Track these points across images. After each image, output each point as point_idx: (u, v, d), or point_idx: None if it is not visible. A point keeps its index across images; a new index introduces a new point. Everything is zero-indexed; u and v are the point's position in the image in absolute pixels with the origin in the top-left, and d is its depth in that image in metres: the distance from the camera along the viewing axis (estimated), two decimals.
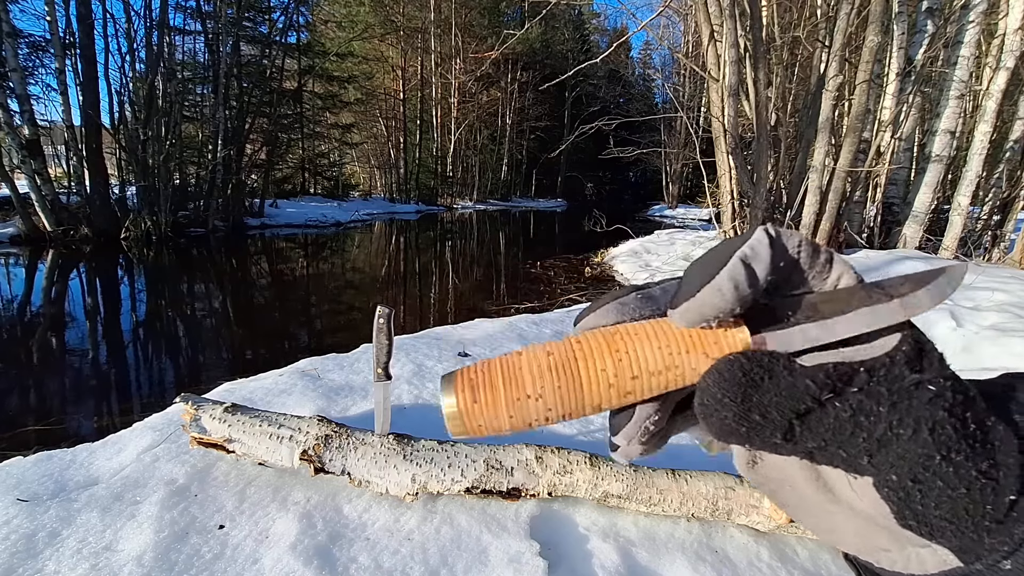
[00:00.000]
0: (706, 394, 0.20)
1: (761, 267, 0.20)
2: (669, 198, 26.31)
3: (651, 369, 0.21)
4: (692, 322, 0.20)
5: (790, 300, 0.21)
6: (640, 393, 0.21)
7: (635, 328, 0.21)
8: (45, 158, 9.60)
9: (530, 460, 1.32)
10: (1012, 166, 5.73)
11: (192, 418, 1.42)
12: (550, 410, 0.21)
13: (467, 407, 0.21)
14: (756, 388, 0.19)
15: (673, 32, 25.75)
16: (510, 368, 0.21)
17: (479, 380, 0.21)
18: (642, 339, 0.21)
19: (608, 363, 0.21)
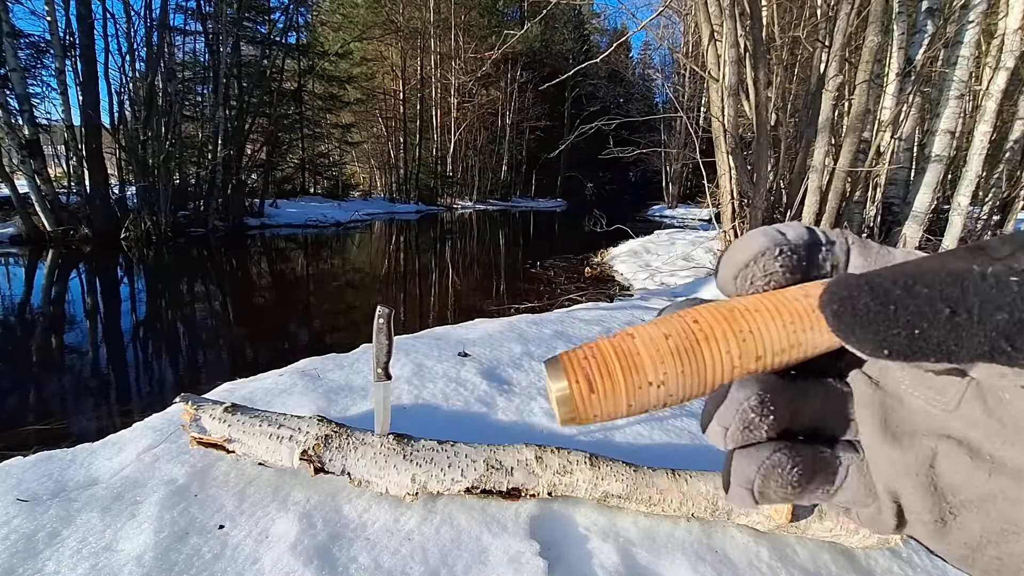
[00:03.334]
0: (849, 287, 0.16)
1: (791, 226, 0.20)
2: (669, 198, 26.30)
3: (775, 348, 0.19)
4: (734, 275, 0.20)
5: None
6: (759, 370, 0.19)
7: (753, 303, 0.20)
8: (45, 158, 9.60)
9: (530, 460, 1.32)
10: (1012, 166, 5.73)
11: (192, 418, 1.42)
12: (671, 396, 0.19)
13: (584, 398, 0.19)
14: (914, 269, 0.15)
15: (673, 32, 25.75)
16: (626, 353, 0.19)
17: (593, 368, 0.19)
18: (764, 315, 0.19)
19: (732, 344, 0.19)
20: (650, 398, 0.19)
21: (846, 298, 0.16)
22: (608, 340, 0.20)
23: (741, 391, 0.19)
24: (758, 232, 0.20)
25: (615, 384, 0.19)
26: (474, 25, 26.60)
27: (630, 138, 15.57)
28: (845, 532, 1.24)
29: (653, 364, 0.19)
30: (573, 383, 0.19)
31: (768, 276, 0.20)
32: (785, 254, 0.20)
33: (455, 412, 1.87)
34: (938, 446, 0.18)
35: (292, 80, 17.42)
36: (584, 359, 0.20)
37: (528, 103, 28.87)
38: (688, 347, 0.19)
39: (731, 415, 0.19)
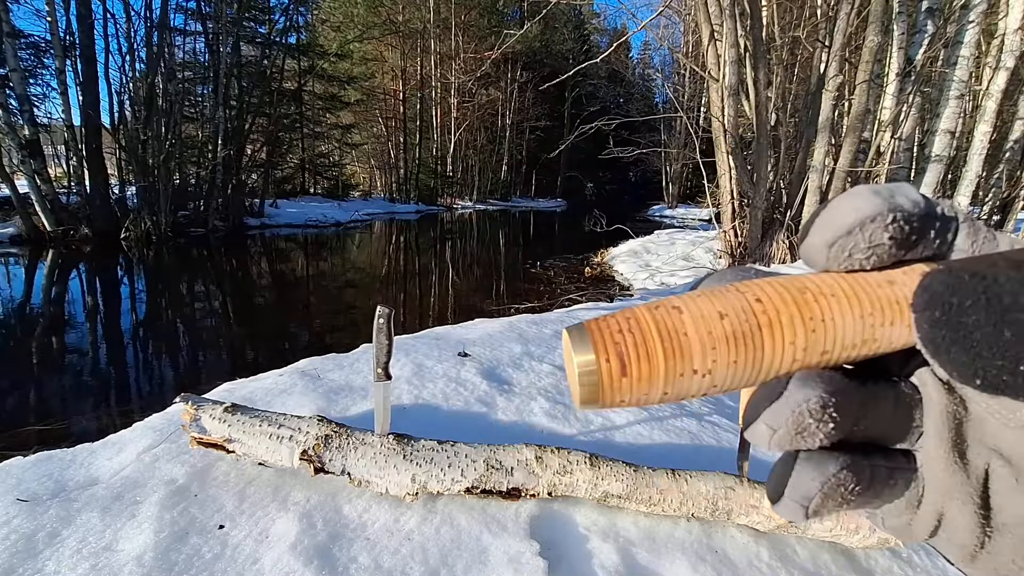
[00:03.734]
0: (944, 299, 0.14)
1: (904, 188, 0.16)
2: (669, 198, 26.31)
3: (847, 343, 0.16)
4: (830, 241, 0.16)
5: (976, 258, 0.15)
6: (822, 364, 0.16)
7: (828, 284, 0.16)
8: (45, 158, 9.60)
9: (530, 460, 1.32)
10: (1012, 166, 5.74)
11: (192, 418, 1.42)
12: (714, 387, 0.16)
13: (613, 379, 0.16)
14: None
15: (673, 32, 25.77)
16: (672, 332, 0.16)
17: (629, 345, 0.16)
18: (842, 303, 0.16)
19: (799, 335, 0.16)
20: (691, 388, 0.16)
21: (952, 306, 0.14)
22: (649, 310, 0.16)
23: (801, 390, 0.16)
24: (866, 190, 0.16)
25: (653, 369, 0.16)
26: (474, 25, 26.61)
27: (630, 138, 15.57)
28: (845, 532, 1.24)
29: (703, 349, 0.16)
30: (603, 360, 0.16)
31: (871, 250, 0.16)
32: (898, 224, 0.16)
33: (455, 412, 1.87)
34: (991, 462, 0.16)
35: (292, 80, 17.43)
36: (619, 332, 0.16)
37: (528, 103, 28.88)
38: (747, 333, 0.16)
39: (784, 417, 0.16)
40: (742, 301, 0.16)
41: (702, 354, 0.16)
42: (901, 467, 0.17)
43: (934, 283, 0.14)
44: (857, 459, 0.17)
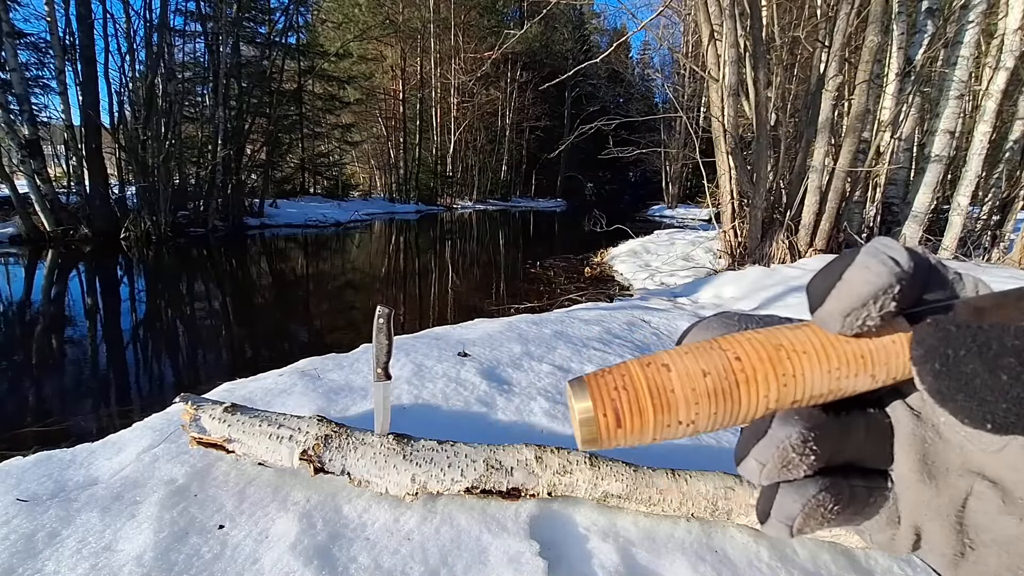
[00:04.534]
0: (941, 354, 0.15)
1: (898, 250, 0.17)
2: (669, 198, 26.31)
3: (814, 393, 0.18)
4: (846, 312, 0.17)
5: (940, 308, 0.18)
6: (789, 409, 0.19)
7: (802, 341, 0.18)
8: (45, 158, 9.60)
9: (530, 460, 1.32)
10: (1012, 166, 5.74)
11: (192, 418, 1.42)
12: (697, 432, 0.19)
13: (609, 430, 0.18)
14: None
15: (673, 32, 25.76)
16: (660, 389, 0.18)
17: (623, 401, 0.18)
18: (812, 360, 0.18)
19: (772, 389, 0.18)
20: (676, 433, 0.19)
21: (949, 357, 0.15)
22: (641, 368, 0.19)
23: (783, 428, 0.18)
24: (876, 259, 0.17)
25: (644, 422, 0.18)
26: (474, 25, 26.61)
27: (630, 138, 15.58)
28: (845, 532, 1.24)
29: (687, 404, 0.18)
30: (600, 414, 0.18)
31: (882, 317, 0.17)
32: (904, 291, 0.17)
33: (455, 412, 1.87)
34: (972, 487, 0.17)
35: (292, 80, 17.43)
36: (614, 389, 0.18)
37: (528, 103, 28.88)
38: (726, 389, 0.18)
39: (770, 453, 0.18)
40: (723, 360, 0.18)
41: (686, 408, 0.18)
42: (879, 486, 0.19)
43: (927, 337, 0.16)
44: (837, 481, 0.18)
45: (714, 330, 0.21)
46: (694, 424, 0.18)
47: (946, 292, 0.18)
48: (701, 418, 0.18)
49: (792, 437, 0.18)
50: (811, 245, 5.50)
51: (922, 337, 0.16)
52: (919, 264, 0.18)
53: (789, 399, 0.18)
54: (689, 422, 0.18)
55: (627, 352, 2.65)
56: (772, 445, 0.18)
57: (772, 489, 0.19)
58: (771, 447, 0.18)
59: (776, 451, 0.18)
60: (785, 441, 0.18)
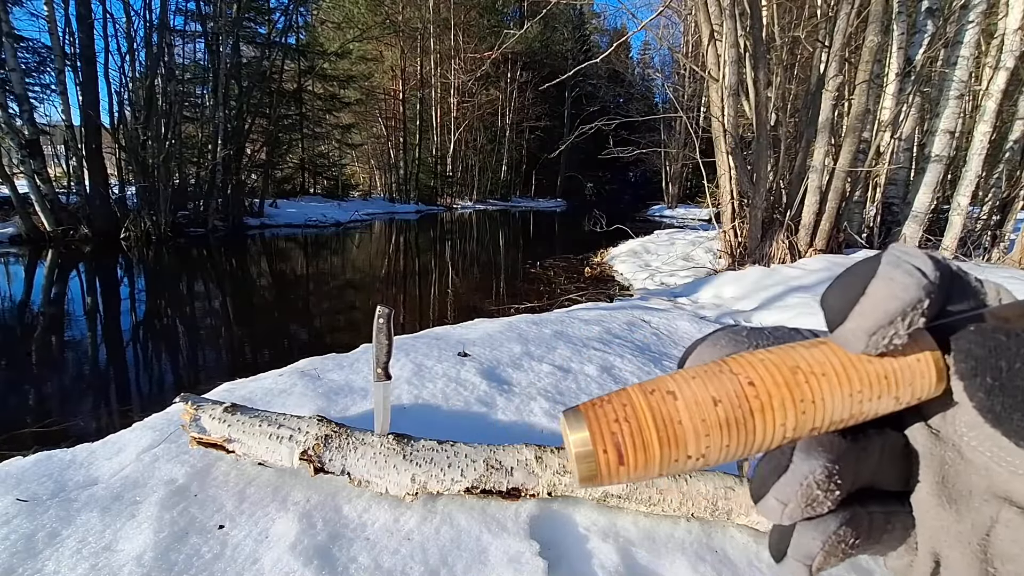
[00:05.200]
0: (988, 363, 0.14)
1: (921, 258, 0.16)
2: (669, 198, 26.32)
3: (835, 419, 0.16)
4: (871, 330, 0.16)
5: (966, 319, 0.16)
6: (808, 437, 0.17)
7: (820, 362, 0.17)
8: (45, 158, 9.60)
9: (530, 460, 1.32)
10: (1012, 166, 5.74)
11: (192, 418, 1.42)
12: (707, 465, 0.17)
13: (610, 468, 0.16)
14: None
15: (673, 32, 25.77)
16: (666, 421, 0.16)
17: (626, 436, 0.16)
18: (832, 382, 0.16)
19: (790, 416, 0.16)
20: (684, 468, 0.17)
21: (1002, 371, 0.13)
22: (644, 396, 0.17)
23: (806, 462, 0.16)
24: (902, 271, 0.16)
25: (649, 458, 0.16)
26: (474, 25, 26.61)
27: (630, 138, 15.58)
28: None
29: (696, 437, 0.16)
30: (600, 451, 0.16)
31: (910, 333, 0.16)
32: (931, 305, 0.16)
33: (455, 412, 1.87)
34: (999, 514, 0.16)
35: (292, 80, 17.43)
36: (615, 422, 0.16)
37: (528, 103, 28.88)
38: (740, 419, 0.16)
39: (793, 491, 0.16)
40: (735, 385, 0.17)
41: (696, 441, 0.16)
42: (896, 511, 0.18)
43: (975, 347, 0.15)
44: (856, 512, 0.17)
45: (722, 348, 0.19)
46: (704, 458, 0.17)
47: (970, 302, 0.17)
48: (712, 451, 0.16)
49: (816, 472, 0.16)
50: (811, 245, 5.50)
51: (967, 347, 0.15)
52: (943, 273, 0.16)
53: (808, 427, 0.16)
54: (699, 456, 0.16)
55: (627, 352, 2.65)
56: (795, 482, 0.16)
57: (787, 527, 0.17)
58: (794, 485, 0.16)
59: (800, 489, 0.16)
60: (809, 477, 0.16)
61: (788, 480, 0.16)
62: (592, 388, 2.14)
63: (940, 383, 0.16)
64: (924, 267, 0.16)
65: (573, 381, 2.20)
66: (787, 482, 0.16)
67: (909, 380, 0.16)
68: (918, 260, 0.16)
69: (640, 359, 2.55)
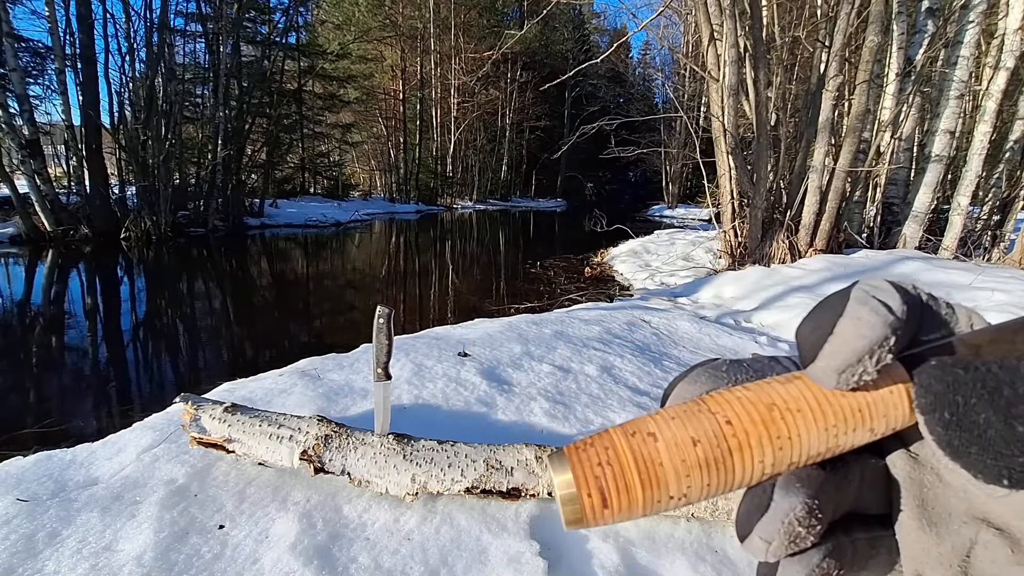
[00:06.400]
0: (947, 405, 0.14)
1: (888, 293, 0.16)
2: (669, 198, 26.32)
3: (811, 454, 0.17)
4: (840, 369, 0.16)
5: (936, 348, 0.17)
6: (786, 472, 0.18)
7: (795, 397, 0.17)
8: (45, 158, 9.60)
9: (530, 460, 1.32)
10: (1012, 166, 5.73)
11: (192, 418, 1.42)
12: (688, 503, 0.17)
13: (595, 512, 0.17)
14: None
15: (673, 32, 25.77)
16: (648, 463, 0.17)
17: (608, 479, 0.17)
18: (807, 418, 0.17)
19: (767, 453, 0.17)
20: (667, 507, 0.17)
21: (959, 406, 0.14)
22: (626, 438, 0.17)
23: (786, 500, 0.16)
24: (865, 309, 0.16)
25: (632, 500, 0.17)
26: (474, 25, 26.60)
27: (630, 138, 15.57)
28: None
29: (678, 477, 0.17)
30: (584, 495, 0.17)
31: (879, 370, 0.16)
32: (899, 340, 0.16)
33: (455, 412, 1.87)
34: (977, 535, 0.16)
35: (292, 80, 17.43)
36: (598, 466, 0.17)
37: (528, 103, 28.88)
38: (719, 458, 0.17)
39: (775, 529, 0.16)
40: (713, 425, 0.17)
41: (677, 482, 0.17)
42: (881, 536, 0.18)
43: (934, 382, 0.15)
44: (840, 541, 0.17)
45: (702, 385, 0.19)
46: (686, 497, 0.17)
47: (941, 331, 0.17)
48: (693, 491, 0.17)
49: (797, 510, 0.16)
50: (811, 245, 5.50)
51: (928, 382, 0.15)
52: (912, 306, 0.17)
53: (785, 462, 0.17)
54: (680, 496, 0.17)
55: (627, 352, 2.65)
56: (776, 521, 0.16)
57: (773, 564, 0.17)
58: (775, 523, 0.16)
59: (782, 527, 0.16)
60: (790, 514, 0.16)
61: (770, 519, 0.17)
62: (592, 388, 2.14)
63: (913, 414, 0.17)
64: (892, 303, 0.16)
65: (573, 381, 2.20)
66: (769, 521, 0.17)
67: (883, 412, 0.17)
68: (885, 295, 0.17)
69: (640, 359, 2.55)
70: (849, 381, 0.17)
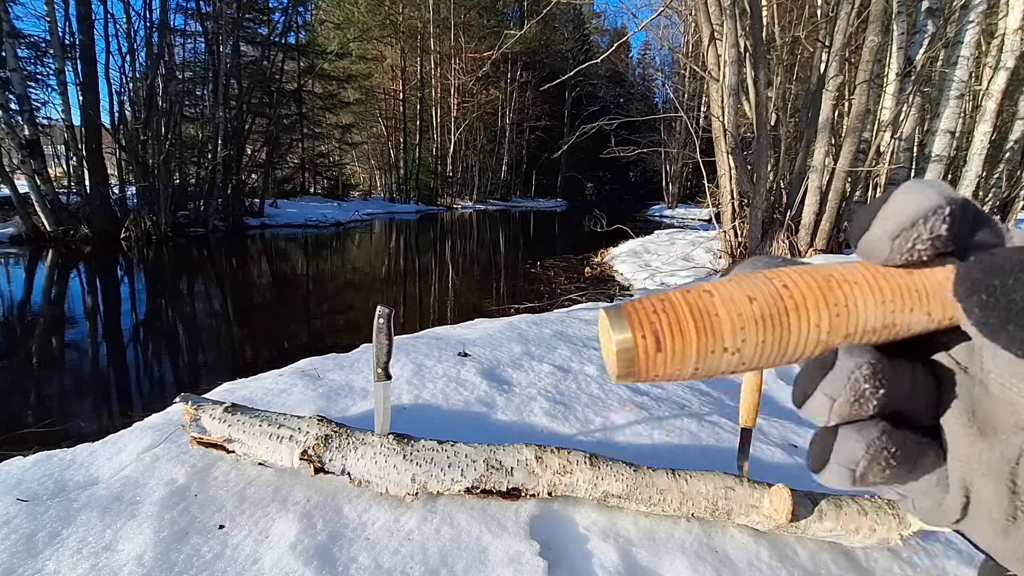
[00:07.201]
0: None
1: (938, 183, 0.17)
2: (669, 198, 26.32)
3: (868, 327, 0.17)
4: (894, 233, 0.16)
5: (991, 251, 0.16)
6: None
7: (852, 273, 0.17)
8: (45, 158, 9.61)
9: (530, 460, 1.32)
10: (1012, 166, 5.74)
11: (192, 418, 1.42)
12: (743, 364, 0.17)
13: (648, 355, 0.17)
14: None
15: (673, 32, 25.78)
16: (703, 312, 0.17)
17: (663, 323, 0.17)
18: (864, 290, 0.17)
19: (824, 318, 0.17)
20: (720, 364, 0.17)
21: (996, 288, 0.14)
22: (681, 293, 0.18)
23: (851, 358, 0.17)
24: (921, 184, 0.17)
25: (687, 344, 0.17)
26: (474, 25, 26.59)
27: (630, 138, 15.56)
28: (845, 532, 1.24)
29: (732, 329, 0.17)
30: (639, 336, 0.17)
31: (931, 241, 0.16)
32: (956, 218, 0.16)
33: (455, 412, 1.87)
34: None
35: (292, 80, 17.43)
36: (653, 312, 0.17)
37: (528, 103, 28.88)
38: (775, 315, 0.17)
39: (841, 385, 0.17)
40: (770, 287, 0.17)
41: (732, 333, 0.17)
42: (928, 443, 0.18)
43: (973, 270, 0.15)
44: (900, 428, 0.17)
45: (759, 267, 0.20)
46: (740, 353, 0.17)
47: (995, 237, 0.17)
48: (748, 346, 0.17)
49: (863, 368, 0.16)
50: (811, 245, 5.50)
51: (966, 270, 0.15)
52: (966, 201, 0.17)
53: (842, 331, 0.17)
54: (735, 349, 0.17)
55: None
56: (843, 376, 0.16)
57: (830, 434, 0.18)
58: (842, 378, 0.16)
59: (849, 382, 0.16)
60: (856, 372, 0.16)
61: (835, 375, 0.17)
62: (592, 388, 2.14)
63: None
64: (943, 186, 0.17)
65: (573, 381, 2.20)
66: (835, 376, 0.17)
67: (941, 297, 0.17)
68: (935, 183, 0.17)
69: None
70: (903, 249, 0.17)
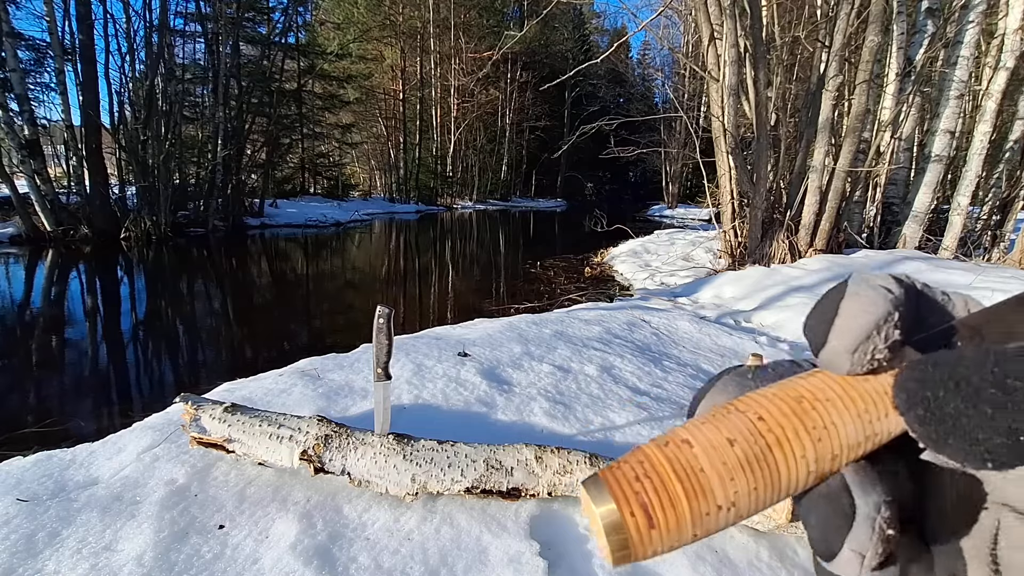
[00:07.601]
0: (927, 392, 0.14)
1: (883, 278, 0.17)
2: (669, 198, 26.32)
3: (852, 443, 0.16)
4: (852, 347, 0.16)
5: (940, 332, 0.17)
6: (834, 470, 0.17)
7: (820, 388, 0.17)
8: (45, 158, 9.61)
9: (530, 460, 1.32)
10: (1012, 166, 5.73)
11: (192, 418, 1.42)
12: (739, 516, 0.16)
13: (641, 532, 0.15)
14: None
15: (673, 32, 25.77)
16: (688, 471, 0.16)
17: (650, 493, 0.15)
18: (836, 405, 0.16)
19: (807, 447, 0.16)
20: (719, 522, 0.16)
21: (929, 401, 0.14)
22: (660, 449, 0.16)
23: (869, 499, 0.15)
24: (867, 287, 0.17)
25: (680, 514, 0.15)
26: (474, 25, 26.60)
27: (630, 138, 15.56)
28: None
29: (722, 482, 0.16)
30: (627, 515, 0.15)
31: (888, 348, 0.16)
32: (902, 316, 0.16)
33: (455, 412, 1.87)
34: (1000, 520, 0.16)
35: (292, 80, 17.43)
36: (636, 480, 0.16)
37: (528, 103, 28.89)
38: (759, 455, 0.16)
39: (867, 537, 0.15)
40: (744, 422, 0.16)
41: (723, 488, 0.16)
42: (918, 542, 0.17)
43: (906, 382, 0.15)
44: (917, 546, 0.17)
45: (730, 392, 0.19)
46: (735, 507, 0.16)
47: (941, 315, 0.18)
48: (741, 496, 0.16)
49: (882, 511, 0.15)
50: (811, 245, 5.50)
51: (902, 383, 0.15)
52: (908, 287, 0.17)
53: (828, 455, 0.16)
54: (729, 504, 0.16)
55: (627, 352, 2.65)
56: (868, 527, 0.15)
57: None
58: (867, 530, 0.15)
59: (874, 533, 0.15)
60: (878, 518, 0.15)
61: (861, 526, 0.15)
62: (592, 388, 2.14)
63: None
64: (887, 284, 0.17)
65: (573, 381, 2.20)
66: (860, 528, 0.15)
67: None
68: (881, 280, 0.17)
69: (640, 359, 2.55)
70: (863, 361, 0.16)
